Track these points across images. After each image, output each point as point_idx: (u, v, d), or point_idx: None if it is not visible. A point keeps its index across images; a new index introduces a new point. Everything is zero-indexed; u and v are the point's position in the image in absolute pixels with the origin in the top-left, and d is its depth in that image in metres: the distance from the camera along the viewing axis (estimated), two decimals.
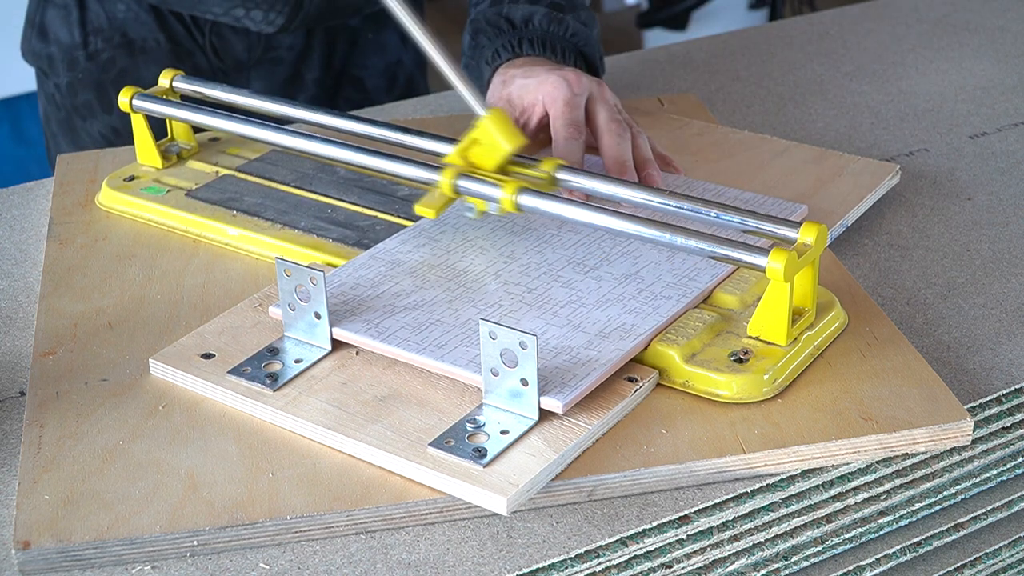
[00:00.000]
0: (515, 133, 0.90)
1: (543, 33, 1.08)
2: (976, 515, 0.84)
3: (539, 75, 1.02)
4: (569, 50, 1.09)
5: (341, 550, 0.71)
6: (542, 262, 0.88)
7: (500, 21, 1.10)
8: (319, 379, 0.79)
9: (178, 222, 0.99)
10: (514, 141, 0.89)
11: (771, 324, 0.80)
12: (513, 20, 1.10)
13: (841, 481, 0.77)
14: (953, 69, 1.31)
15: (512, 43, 1.08)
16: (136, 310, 0.89)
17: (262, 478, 0.73)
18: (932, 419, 0.77)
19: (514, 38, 1.08)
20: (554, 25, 1.09)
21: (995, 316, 0.90)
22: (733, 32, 1.44)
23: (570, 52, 1.09)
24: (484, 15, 1.12)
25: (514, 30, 1.09)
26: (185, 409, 0.79)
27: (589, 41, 1.10)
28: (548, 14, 1.09)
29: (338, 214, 0.98)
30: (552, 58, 1.07)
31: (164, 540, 0.70)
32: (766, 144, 1.10)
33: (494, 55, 1.08)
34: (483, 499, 0.70)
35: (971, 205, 1.05)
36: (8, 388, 0.84)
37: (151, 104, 1.04)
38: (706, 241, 0.80)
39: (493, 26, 1.10)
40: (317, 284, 0.80)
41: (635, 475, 0.73)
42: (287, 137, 0.98)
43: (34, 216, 1.05)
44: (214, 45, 1.27)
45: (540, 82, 1.01)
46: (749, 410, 0.78)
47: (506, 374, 0.74)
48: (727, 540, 0.75)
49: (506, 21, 1.10)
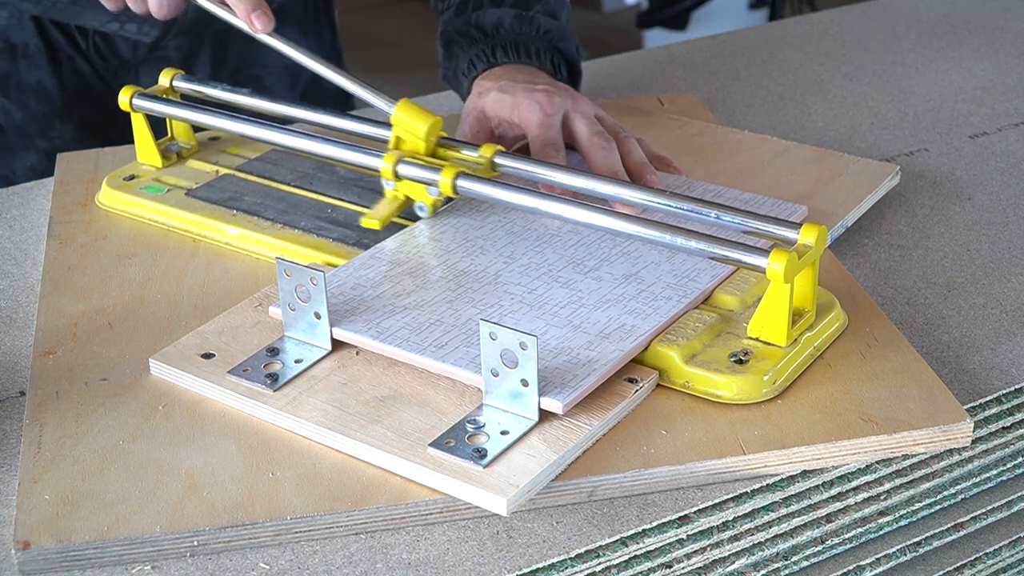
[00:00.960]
0: (427, 114, 0.93)
1: (515, 37, 1.08)
2: (976, 515, 0.84)
3: (514, 94, 1.01)
4: (544, 49, 1.08)
5: (341, 550, 0.71)
6: (542, 262, 0.88)
7: (470, 30, 1.10)
8: (319, 379, 0.79)
9: (178, 221, 0.99)
10: (428, 119, 0.93)
11: (771, 325, 0.80)
12: (483, 27, 1.09)
13: (841, 481, 0.77)
14: (953, 69, 1.31)
15: (486, 52, 1.08)
16: (136, 310, 0.89)
17: (262, 478, 0.73)
18: (932, 420, 0.77)
19: (487, 46, 1.08)
20: (525, 26, 1.08)
21: (995, 316, 0.90)
22: (733, 32, 1.44)
23: (545, 51, 1.08)
24: (453, 25, 1.11)
25: (486, 38, 1.08)
26: (185, 409, 0.79)
27: (563, 35, 1.10)
28: (517, 15, 1.09)
29: (338, 214, 0.98)
30: (528, 62, 1.07)
31: (164, 540, 0.70)
32: (766, 144, 1.10)
33: (469, 65, 1.08)
34: (483, 500, 0.70)
35: (971, 205, 1.05)
36: (8, 388, 0.84)
37: (151, 103, 1.04)
38: (706, 242, 0.80)
39: (464, 36, 1.10)
40: (317, 284, 0.80)
41: (635, 476, 0.73)
42: (287, 137, 0.98)
43: (34, 216, 1.05)
44: (98, 47, 1.28)
45: (514, 104, 1.01)
46: (749, 411, 0.78)
47: (506, 375, 0.74)
48: (727, 540, 0.75)
49: (476, 29, 1.09)
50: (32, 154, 1.28)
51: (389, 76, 3.29)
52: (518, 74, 1.05)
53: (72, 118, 1.29)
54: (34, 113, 1.28)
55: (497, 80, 1.04)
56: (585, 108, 1.01)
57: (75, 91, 1.29)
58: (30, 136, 1.28)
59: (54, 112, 1.28)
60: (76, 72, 1.29)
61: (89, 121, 1.30)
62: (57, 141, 1.28)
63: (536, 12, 1.09)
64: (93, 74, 1.30)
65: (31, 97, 1.27)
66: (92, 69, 1.29)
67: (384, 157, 0.92)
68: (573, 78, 1.12)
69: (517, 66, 1.07)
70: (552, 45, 1.09)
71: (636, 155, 0.99)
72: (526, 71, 1.06)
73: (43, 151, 1.28)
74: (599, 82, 1.29)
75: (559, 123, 1.00)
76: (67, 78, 1.28)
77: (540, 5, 1.10)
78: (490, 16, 1.09)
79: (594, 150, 0.98)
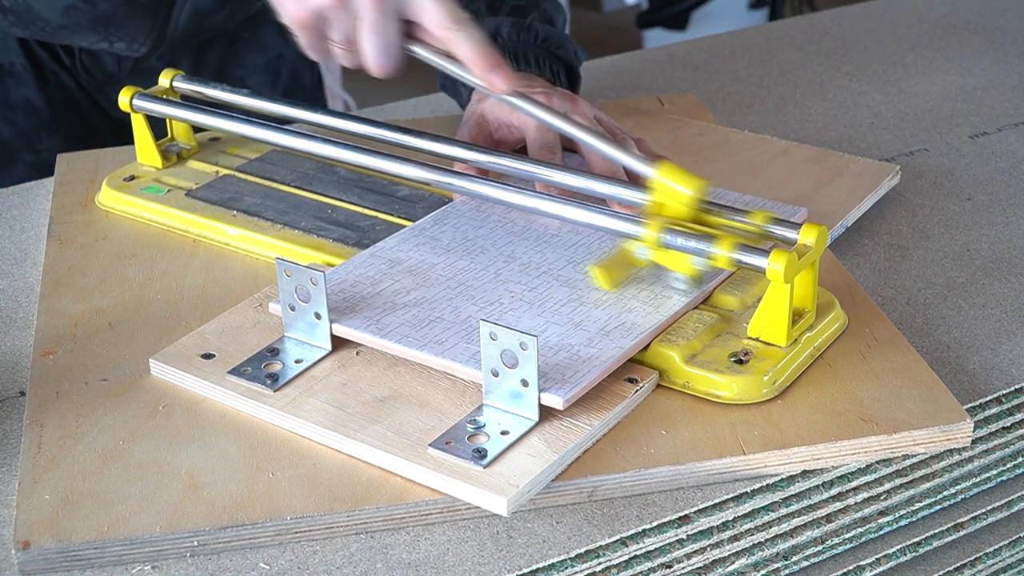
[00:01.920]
0: (693, 178, 0.83)
1: (513, 45, 1.08)
2: (976, 515, 0.84)
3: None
4: (543, 56, 1.08)
5: (341, 550, 0.71)
6: (542, 262, 0.88)
7: None
8: (319, 379, 0.79)
9: (178, 222, 0.99)
10: (695, 185, 0.83)
11: (771, 325, 0.80)
12: None
13: (841, 481, 0.77)
14: (953, 69, 1.31)
15: None
16: (136, 310, 0.89)
17: (262, 478, 0.73)
18: (932, 420, 0.77)
19: None
20: (523, 34, 1.08)
21: (995, 316, 0.90)
22: (733, 32, 1.44)
23: (544, 58, 1.08)
24: None
25: None
26: (185, 409, 0.79)
27: (561, 42, 1.10)
28: (514, 24, 1.09)
29: (338, 214, 0.98)
30: (527, 70, 1.07)
31: (164, 540, 0.70)
32: (766, 144, 1.10)
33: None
34: (483, 500, 0.70)
35: (971, 205, 1.05)
36: (8, 388, 0.84)
37: (151, 104, 1.04)
38: (706, 242, 0.80)
39: None
40: (317, 284, 0.80)
41: (635, 476, 0.73)
42: (287, 137, 0.98)
43: (34, 216, 1.05)
44: (84, 63, 1.29)
45: (513, 107, 1.01)
46: (749, 411, 0.78)
47: (506, 375, 0.74)
48: (727, 540, 0.75)
49: None
50: (20, 167, 1.30)
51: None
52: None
53: (59, 131, 1.31)
54: (22, 128, 1.29)
55: None
56: (584, 110, 1.01)
57: (61, 105, 1.31)
58: (18, 151, 1.30)
59: (41, 127, 1.30)
60: (62, 87, 1.31)
61: (75, 134, 1.32)
62: (44, 154, 1.30)
63: (533, 19, 1.10)
64: (78, 88, 1.31)
65: (19, 114, 1.29)
66: (77, 84, 1.31)
67: (646, 225, 0.82)
68: (572, 83, 1.12)
69: (516, 74, 1.07)
70: (550, 52, 1.09)
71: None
72: (525, 78, 1.06)
73: (31, 164, 1.30)
74: (599, 82, 1.29)
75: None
76: (53, 93, 1.30)
77: (536, 12, 1.10)
78: (487, 25, 1.09)
79: (593, 152, 0.98)
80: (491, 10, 1.10)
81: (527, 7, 1.10)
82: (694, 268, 0.82)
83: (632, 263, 0.84)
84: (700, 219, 0.84)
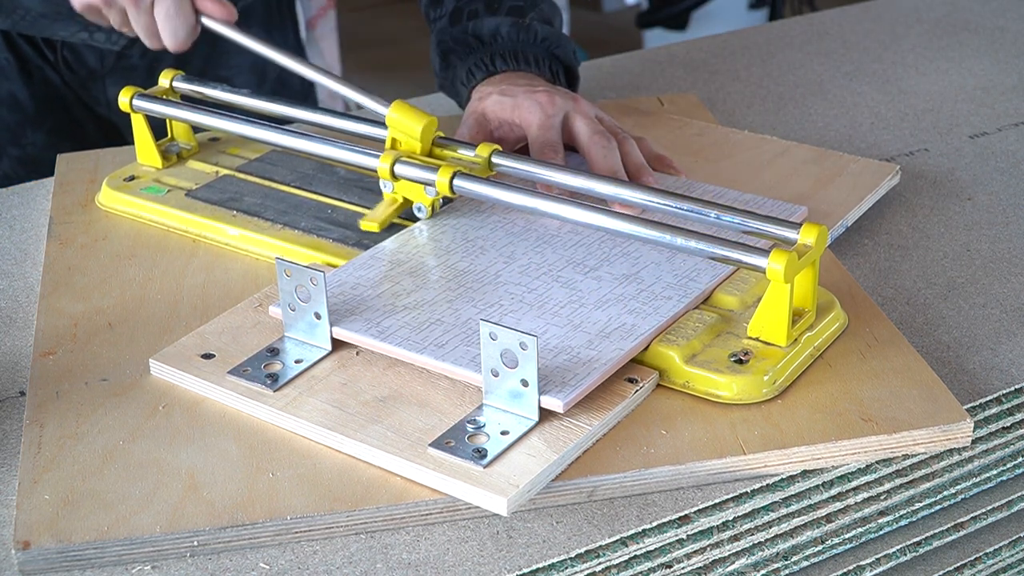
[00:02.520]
0: (422, 114, 0.93)
1: (513, 45, 1.08)
2: (976, 515, 0.84)
3: (515, 96, 1.02)
4: (542, 56, 1.09)
5: (341, 550, 0.71)
6: (542, 263, 0.88)
7: (468, 39, 1.10)
8: (319, 379, 0.79)
9: (178, 222, 0.99)
10: (423, 119, 0.93)
11: (771, 325, 0.80)
12: (481, 36, 1.09)
13: (841, 481, 0.77)
14: (953, 69, 1.31)
15: (484, 60, 1.08)
16: (136, 310, 0.89)
17: (262, 478, 0.73)
18: (932, 420, 0.77)
19: (485, 55, 1.08)
20: (523, 34, 1.09)
21: (995, 316, 0.90)
22: (733, 32, 1.44)
23: (543, 58, 1.09)
24: (450, 34, 1.11)
25: (483, 46, 1.09)
26: (185, 409, 0.79)
27: (559, 42, 1.10)
28: (514, 23, 1.09)
29: (338, 214, 0.98)
30: (527, 69, 1.07)
31: (164, 540, 0.70)
32: (766, 144, 1.10)
33: (468, 75, 1.08)
34: (483, 500, 0.70)
35: (971, 205, 1.05)
36: (8, 388, 0.84)
37: (151, 104, 1.04)
38: (706, 242, 0.80)
39: (462, 44, 1.10)
40: (317, 284, 0.80)
41: (635, 476, 0.73)
42: (287, 137, 0.98)
43: (34, 216, 1.05)
44: (66, 59, 1.30)
45: (515, 105, 1.01)
46: (749, 411, 0.78)
47: (506, 375, 0.74)
48: (727, 540, 0.75)
49: (474, 38, 1.09)
50: (5, 161, 1.30)
51: (388, 76, 3.28)
52: (518, 79, 1.05)
53: (43, 126, 1.31)
54: (7, 123, 1.30)
55: (497, 85, 1.04)
56: (585, 109, 1.01)
57: (46, 100, 1.31)
58: (2, 145, 1.30)
59: (26, 121, 1.30)
60: (46, 82, 1.31)
61: (60, 129, 1.32)
62: (29, 148, 1.30)
63: (532, 19, 1.10)
64: (62, 84, 1.32)
65: (3, 108, 1.30)
66: (61, 79, 1.31)
67: (381, 158, 0.93)
68: (571, 83, 1.12)
69: (516, 73, 1.07)
70: (550, 52, 1.09)
71: (634, 156, 1.00)
72: (526, 77, 1.06)
73: (15, 158, 1.30)
74: (599, 82, 1.29)
75: (559, 124, 1.00)
76: (38, 88, 1.30)
77: (535, 12, 1.11)
78: (487, 24, 1.09)
79: (594, 149, 0.98)
80: (489, 10, 1.10)
81: (525, 7, 1.10)
82: (429, 197, 0.92)
83: (390, 202, 0.94)
84: (434, 153, 0.95)
